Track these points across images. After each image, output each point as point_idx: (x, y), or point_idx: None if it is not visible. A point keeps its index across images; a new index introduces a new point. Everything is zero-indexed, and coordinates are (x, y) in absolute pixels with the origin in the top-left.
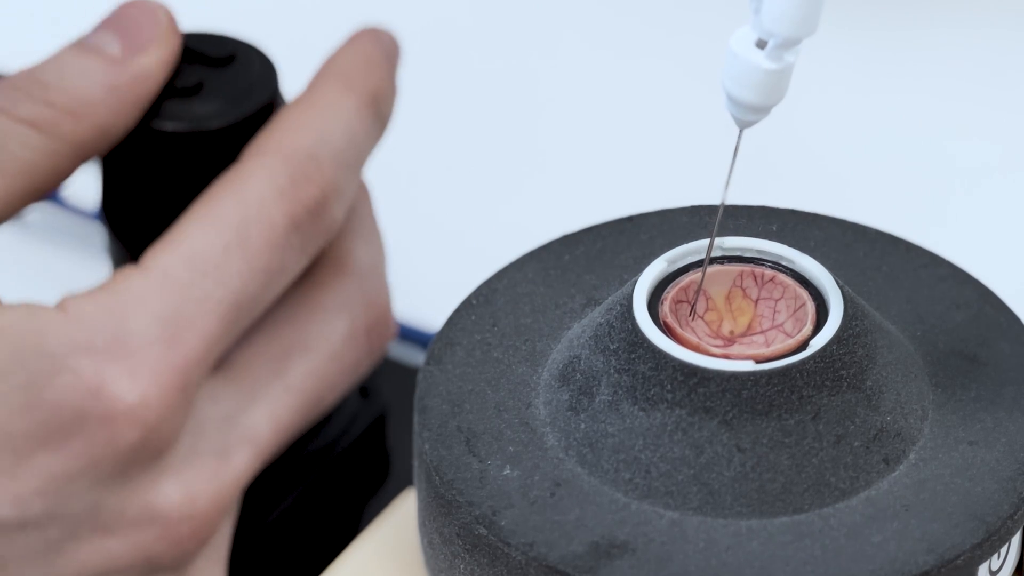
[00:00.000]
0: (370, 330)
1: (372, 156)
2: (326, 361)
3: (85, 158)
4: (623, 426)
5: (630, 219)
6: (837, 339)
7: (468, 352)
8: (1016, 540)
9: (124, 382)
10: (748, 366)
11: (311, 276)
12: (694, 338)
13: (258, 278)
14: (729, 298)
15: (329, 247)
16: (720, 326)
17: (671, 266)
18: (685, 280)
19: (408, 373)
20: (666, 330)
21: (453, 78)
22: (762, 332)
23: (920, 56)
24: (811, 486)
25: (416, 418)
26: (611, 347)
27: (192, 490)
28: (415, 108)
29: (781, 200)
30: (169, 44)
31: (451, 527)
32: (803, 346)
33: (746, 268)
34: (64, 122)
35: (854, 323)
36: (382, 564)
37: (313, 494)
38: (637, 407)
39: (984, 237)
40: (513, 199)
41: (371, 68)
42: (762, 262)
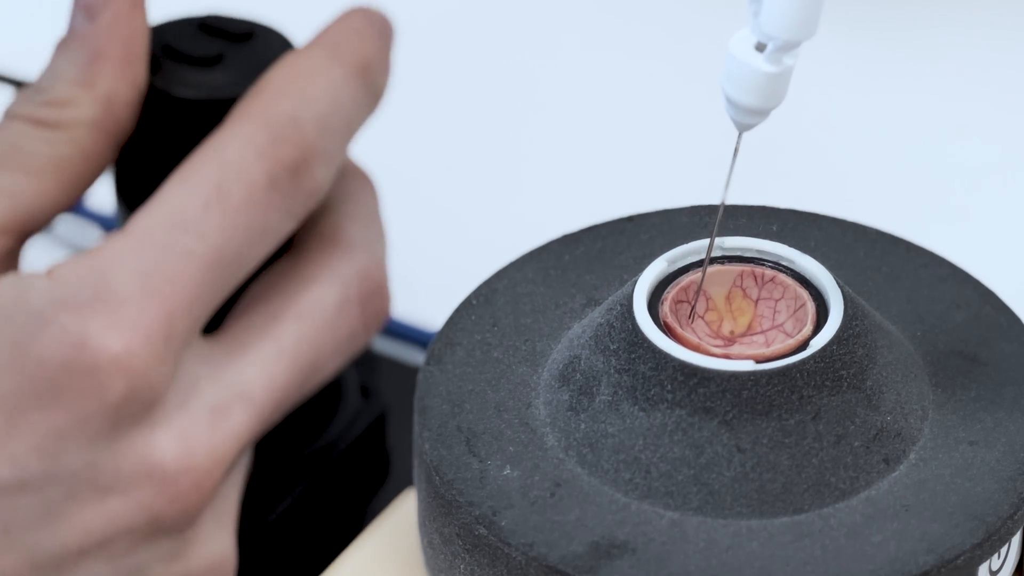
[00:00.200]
0: (364, 302)
1: (364, 128)
2: (319, 328)
3: (110, 132)
4: (623, 426)
5: (630, 219)
6: (837, 339)
7: (468, 352)
8: (1016, 540)
9: (107, 333)
10: (748, 366)
11: (301, 249)
12: (694, 338)
13: (239, 234)
14: (729, 298)
15: (320, 222)
16: (720, 326)
17: (671, 266)
18: (685, 280)
19: (408, 373)
20: (666, 330)
21: (453, 78)
22: (762, 332)
23: (920, 56)
24: (811, 486)
25: (416, 418)
26: (611, 347)
27: (188, 442)
28: (415, 108)
29: (781, 200)
30: None
31: (451, 527)
32: (803, 346)
33: (746, 268)
34: (66, 109)
35: (854, 323)
36: (382, 564)
37: (313, 494)
38: (637, 407)
39: (984, 237)
40: (513, 199)
41: (361, 39)
42: (762, 262)
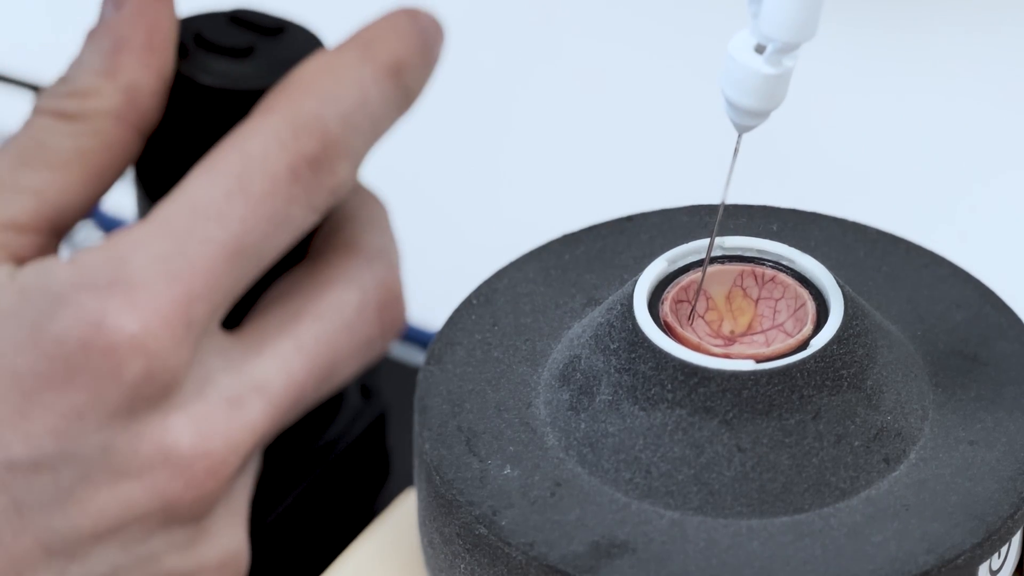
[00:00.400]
0: (382, 308)
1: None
2: (337, 330)
3: (134, 122)
4: (623, 426)
5: (630, 219)
6: (837, 339)
7: (468, 352)
8: (1016, 540)
9: (125, 314)
10: (748, 366)
11: (321, 255)
12: (694, 338)
13: (261, 225)
14: (729, 298)
15: (340, 231)
16: (720, 326)
17: (671, 266)
18: (685, 280)
19: (408, 373)
20: (666, 330)
21: (453, 78)
22: (762, 332)
23: (920, 57)
24: (811, 486)
25: (416, 418)
26: (611, 347)
27: (204, 429)
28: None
29: (781, 200)
30: None
31: (451, 527)
32: (803, 346)
33: (746, 268)
34: (88, 99)
35: (854, 323)
36: (382, 564)
37: (313, 494)
38: (637, 407)
39: (984, 237)
40: (513, 199)
41: (397, 39)
42: (762, 262)
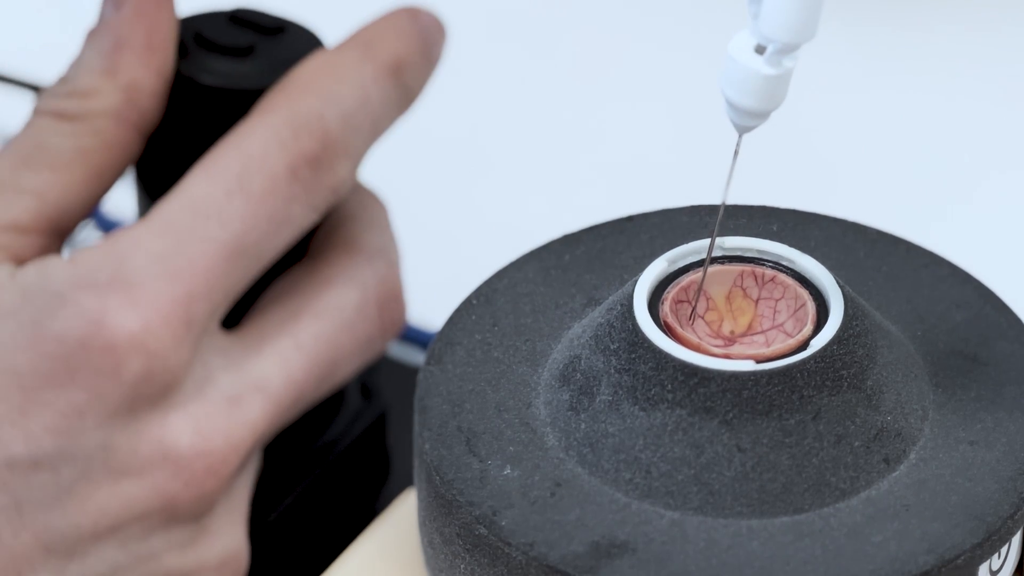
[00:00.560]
0: (382, 306)
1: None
2: (337, 328)
3: (134, 122)
4: (623, 426)
5: (630, 219)
6: (837, 339)
7: (468, 352)
8: (1016, 540)
9: (125, 312)
10: (748, 366)
11: (320, 254)
12: (695, 338)
13: (260, 224)
14: (729, 298)
15: (339, 230)
16: (720, 326)
17: (671, 266)
18: (685, 280)
19: (408, 373)
20: (666, 330)
21: (453, 78)
22: (762, 332)
23: (920, 57)
24: (811, 486)
25: (416, 418)
26: (611, 347)
27: (203, 428)
28: (415, 108)
29: (781, 200)
30: None
31: (451, 527)
32: (803, 346)
33: (746, 268)
34: (88, 99)
35: (854, 323)
36: (382, 564)
37: (313, 494)
38: (637, 407)
39: (984, 237)
40: (513, 199)
41: (397, 38)
42: (762, 262)
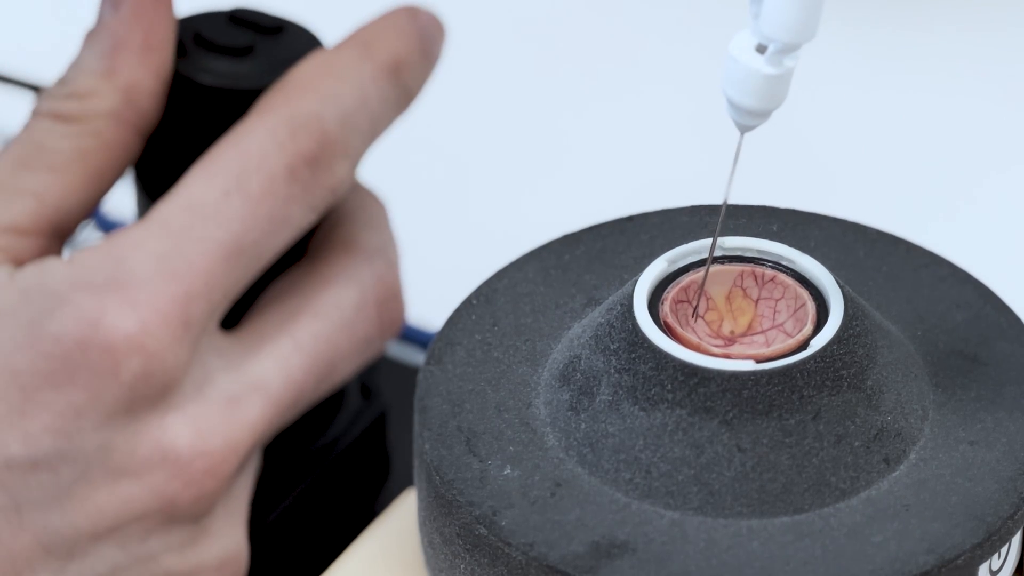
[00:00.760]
0: (380, 305)
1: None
2: (336, 327)
3: (133, 122)
4: (623, 426)
5: (630, 219)
6: (837, 339)
7: (468, 352)
8: (1016, 540)
9: (123, 313)
10: (748, 366)
11: (318, 254)
12: (694, 338)
13: (259, 224)
14: (729, 298)
15: (337, 229)
16: (720, 326)
17: (671, 266)
18: (685, 280)
19: (408, 373)
20: (667, 330)
21: (453, 78)
22: (762, 332)
23: (920, 56)
24: (811, 486)
25: (416, 418)
26: (611, 347)
27: (202, 428)
28: (415, 108)
29: (781, 200)
30: None
31: (451, 527)
32: (803, 346)
33: (746, 268)
34: (87, 100)
35: (854, 323)
36: (382, 564)
37: (314, 494)
38: (637, 407)
39: (984, 237)
40: (513, 199)
41: (396, 37)
42: (762, 262)
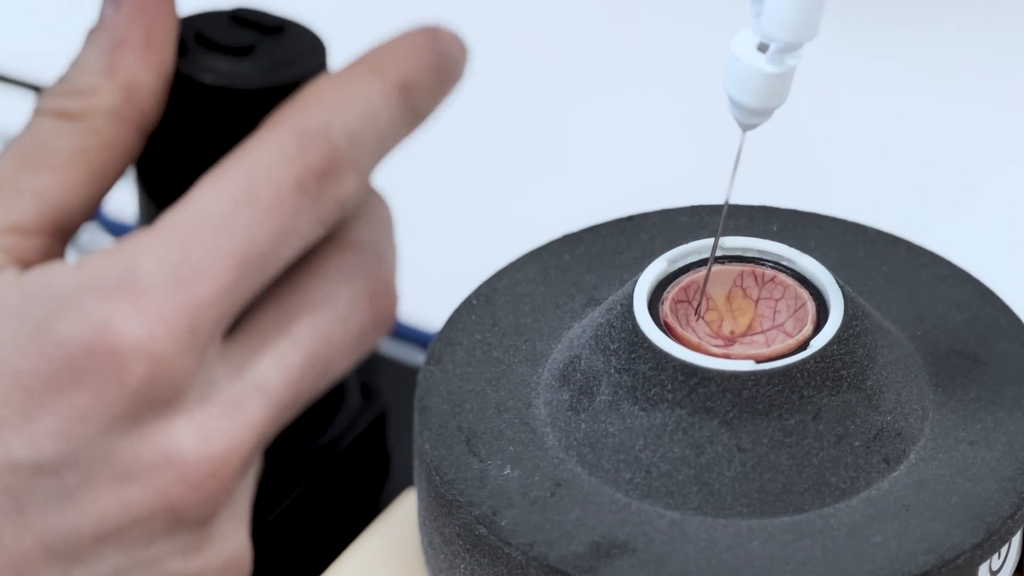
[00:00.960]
0: (373, 299)
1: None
2: (331, 323)
3: (133, 120)
4: (623, 426)
5: (630, 219)
6: (837, 339)
7: (468, 352)
8: (1016, 540)
9: (131, 319)
10: (748, 366)
11: (311, 250)
12: (695, 338)
13: (267, 234)
14: (729, 298)
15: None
16: (720, 326)
17: (671, 266)
18: (686, 280)
19: (408, 373)
20: (667, 330)
21: None
22: (762, 332)
23: (920, 56)
24: (811, 486)
25: (416, 418)
26: (611, 347)
27: (207, 432)
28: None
29: (781, 200)
30: None
31: (451, 527)
32: (803, 346)
33: (746, 268)
34: (88, 98)
35: (854, 323)
36: (382, 564)
37: (314, 494)
38: (637, 407)
39: (984, 237)
40: (514, 199)
41: (409, 57)
42: (763, 262)
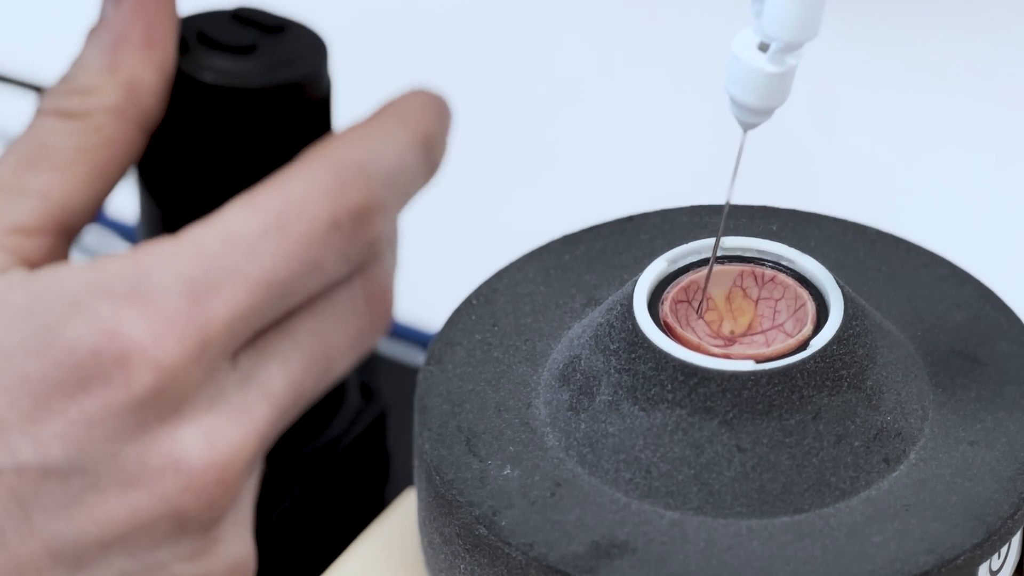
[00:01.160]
0: (370, 300)
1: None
2: (330, 323)
3: (135, 118)
4: (623, 426)
5: (630, 219)
6: (837, 339)
7: (468, 352)
8: (1016, 540)
9: (141, 325)
10: (748, 366)
11: None
12: (694, 338)
13: (292, 265)
14: (729, 298)
15: None
16: (720, 326)
17: (671, 266)
18: (686, 280)
19: (408, 373)
20: (666, 330)
21: (453, 78)
22: (762, 332)
23: (921, 56)
24: (811, 486)
25: (416, 418)
26: (611, 347)
27: (213, 438)
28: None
29: (781, 200)
30: None
31: (451, 527)
32: (803, 346)
33: (746, 268)
34: (89, 96)
35: (854, 323)
36: (382, 564)
37: (314, 494)
38: (637, 407)
39: (984, 237)
40: (513, 199)
41: (425, 112)
42: (762, 262)
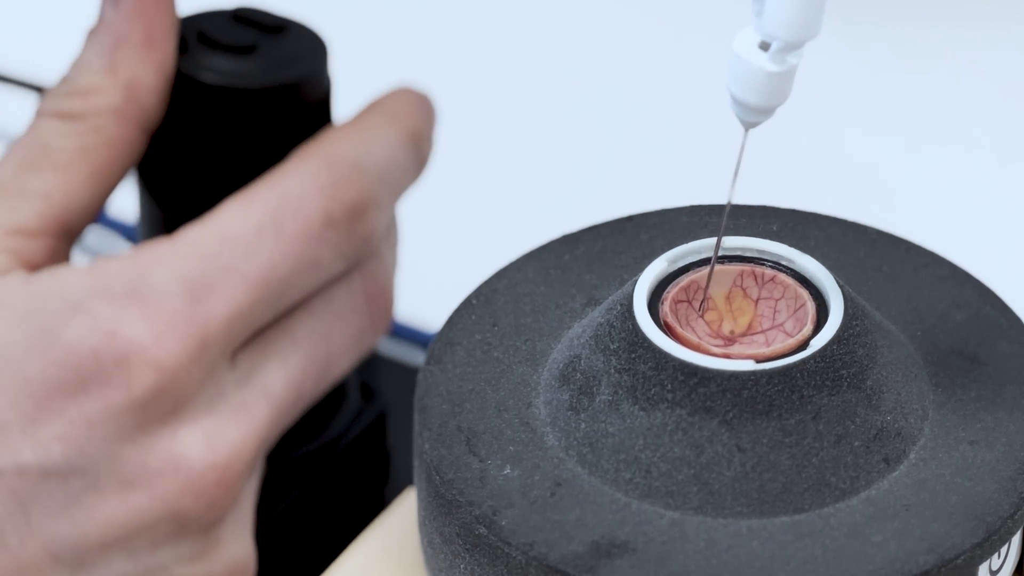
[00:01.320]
0: (370, 299)
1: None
2: (329, 322)
3: (136, 119)
4: (623, 426)
5: (630, 219)
6: (837, 339)
7: (468, 352)
8: (1016, 540)
9: (140, 326)
10: (748, 366)
11: None
12: (694, 338)
13: (289, 263)
14: (729, 298)
15: None
16: (720, 326)
17: (671, 266)
18: (686, 280)
19: (408, 373)
20: (666, 330)
21: (453, 78)
22: (762, 332)
23: (921, 56)
24: (811, 486)
25: (416, 418)
26: (611, 347)
27: (213, 439)
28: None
29: (782, 200)
30: None
31: (451, 527)
32: (803, 346)
33: (746, 268)
34: (89, 97)
35: (854, 323)
36: (382, 564)
37: (314, 494)
38: (637, 407)
39: (984, 237)
40: (513, 199)
41: (412, 109)
42: (763, 262)
